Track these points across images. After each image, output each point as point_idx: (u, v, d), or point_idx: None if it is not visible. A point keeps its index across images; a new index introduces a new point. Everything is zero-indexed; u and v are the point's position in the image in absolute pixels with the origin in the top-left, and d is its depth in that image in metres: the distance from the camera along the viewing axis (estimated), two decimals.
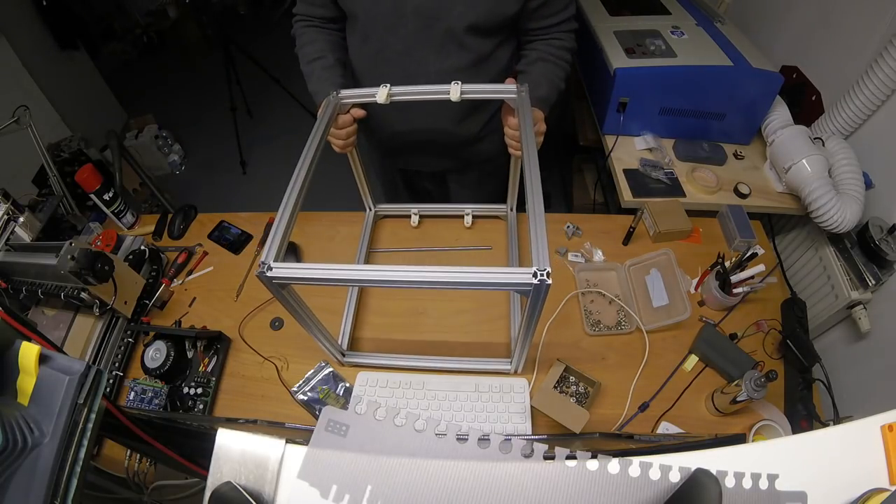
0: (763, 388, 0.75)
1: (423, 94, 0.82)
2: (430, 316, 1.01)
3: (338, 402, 0.90)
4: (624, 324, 0.97)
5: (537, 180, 0.65)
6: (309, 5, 0.98)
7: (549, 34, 0.95)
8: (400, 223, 1.18)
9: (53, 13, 2.48)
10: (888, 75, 0.97)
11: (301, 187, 0.69)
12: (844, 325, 1.15)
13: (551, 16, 0.92)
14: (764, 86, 1.18)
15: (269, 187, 1.30)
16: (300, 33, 1.01)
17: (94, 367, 0.37)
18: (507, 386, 0.87)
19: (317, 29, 1.00)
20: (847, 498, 0.32)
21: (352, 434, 0.38)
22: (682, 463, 0.34)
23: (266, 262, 0.60)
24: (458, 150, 1.11)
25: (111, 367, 0.95)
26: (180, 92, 3.28)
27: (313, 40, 0.99)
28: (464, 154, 1.12)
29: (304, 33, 1.00)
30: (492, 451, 0.36)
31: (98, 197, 1.15)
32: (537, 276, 0.55)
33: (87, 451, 0.36)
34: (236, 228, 1.21)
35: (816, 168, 1.06)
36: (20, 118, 1.24)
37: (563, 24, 0.94)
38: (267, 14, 3.85)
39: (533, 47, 0.97)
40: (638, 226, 1.06)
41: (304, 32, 1.00)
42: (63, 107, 2.39)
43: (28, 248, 0.99)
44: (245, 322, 1.02)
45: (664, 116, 1.29)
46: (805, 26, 1.28)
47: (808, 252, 1.22)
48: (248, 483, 0.36)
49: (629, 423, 0.85)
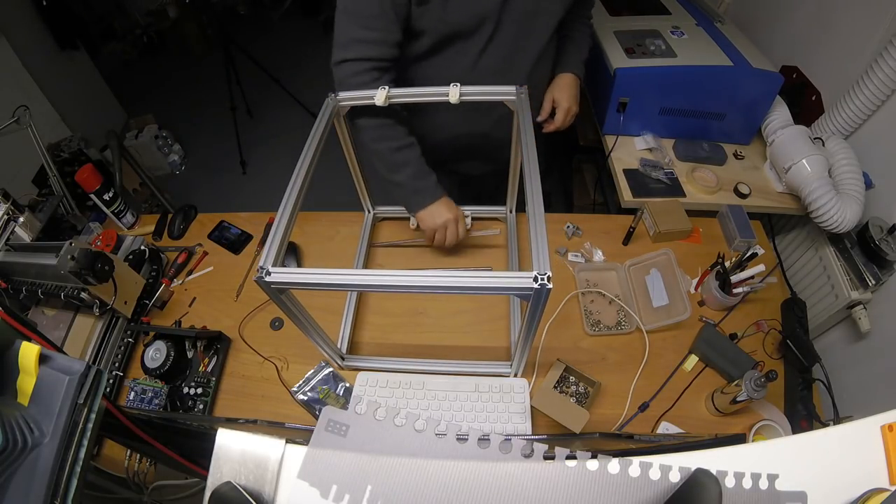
0: (763, 388, 0.75)
1: (423, 96, 0.82)
2: (429, 316, 1.01)
3: (338, 402, 0.90)
4: (624, 324, 0.97)
5: (537, 182, 0.65)
6: (377, 46, 0.81)
7: (580, 19, 1.08)
8: (399, 225, 1.18)
9: (53, 13, 2.47)
10: (888, 75, 0.97)
11: (301, 188, 0.69)
12: (844, 325, 1.14)
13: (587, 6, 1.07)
14: (764, 86, 1.18)
15: (269, 187, 1.30)
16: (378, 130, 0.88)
17: (94, 367, 0.37)
18: (506, 386, 0.87)
19: (402, 128, 0.90)
20: (847, 498, 0.32)
21: (352, 434, 0.38)
22: (682, 463, 0.34)
23: (264, 266, 0.60)
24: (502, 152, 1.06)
25: (111, 367, 0.95)
26: (180, 92, 3.28)
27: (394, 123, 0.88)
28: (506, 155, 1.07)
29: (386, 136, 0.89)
30: (492, 451, 0.36)
31: (98, 197, 1.15)
32: (538, 281, 0.55)
33: (87, 451, 0.36)
34: (236, 228, 1.21)
35: (816, 168, 1.06)
36: (20, 118, 1.24)
37: (587, 14, 1.11)
38: (267, 14, 3.85)
39: (572, 27, 1.08)
40: (638, 226, 1.06)
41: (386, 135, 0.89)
42: (63, 107, 2.39)
43: (28, 248, 0.99)
44: (245, 322, 1.02)
45: (664, 116, 1.29)
46: (805, 26, 1.28)
47: (808, 252, 1.22)
48: (248, 483, 0.36)
49: (629, 423, 0.85)
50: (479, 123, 1.06)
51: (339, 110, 0.85)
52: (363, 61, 0.83)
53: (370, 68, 0.84)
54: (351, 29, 0.82)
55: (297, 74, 2.92)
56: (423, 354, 0.94)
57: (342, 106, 0.85)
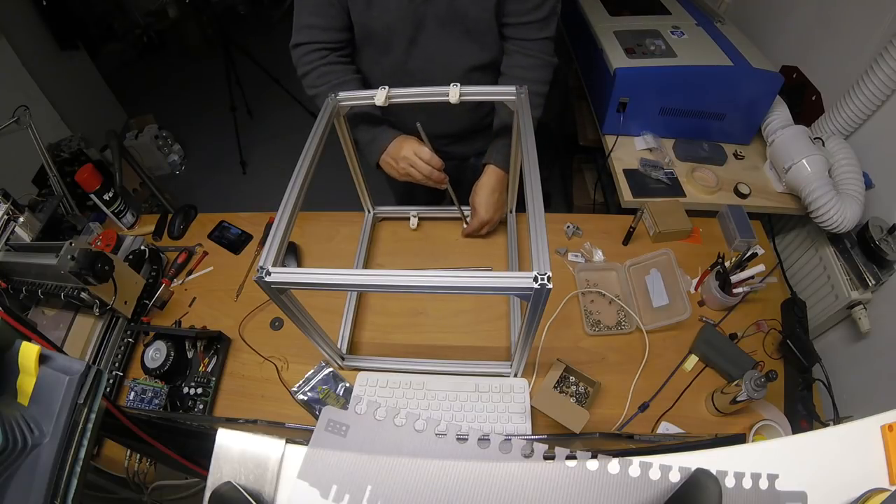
0: (763, 388, 0.75)
1: (423, 96, 0.82)
2: (429, 316, 1.01)
3: (338, 402, 0.90)
4: (624, 324, 0.97)
5: (537, 182, 0.65)
6: (320, 31, 0.91)
7: (524, 35, 0.92)
8: (399, 225, 1.18)
9: (53, 13, 2.48)
10: (888, 75, 0.97)
11: (301, 188, 0.69)
12: (844, 326, 1.14)
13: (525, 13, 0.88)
14: (764, 86, 1.18)
15: (269, 187, 1.30)
16: (321, 71, 0.93)
17: (94, 367, 0.37)
18: (507, 386, 0.87)
19: (341, 66, 0.94)
20: (847, 498, 0.32)
21: (352, 434, 0.38)
22: (682, 463, 0.34)
23: (264, 266, 0.60)
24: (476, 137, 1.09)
25: (111, 367, 0.95)
26: (180, 92, 3.28)
27: (344, 82, 0.93)
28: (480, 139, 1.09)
29: (330, 73, 0.93)
30: (492, 451, 0.36)
31: (98, 197, 1.15)
32: (538, 281, 0.55)
33: (87, 451, 0.36)
34: (236, 228, 1.21)
35: (816, 168, 1.06)
36: (20, 118, 1.24)
37: (535, 24, 0.90)
38: (267, 14, 3.85)
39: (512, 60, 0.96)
40: (638, 226, 1.06)
41: (330, 72, 0.93)
42: (63, 107, 2.39)
43: (28, 248, 0.99)
44: (245, 322, 1.02)
45: (664, 116, 1.29)
46: (805, 26, 1.28)
47: (808, 252, 1.22)
48: (248, 483, 0.36)
49: (629, 423, 0.85)
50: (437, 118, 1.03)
51: (339, 110, 0.85)
52: (313, 44, 0.92)
53: (319, 48, 0.93)
54: (302, 16, 0.92)
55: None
56: (423, 354, 0.94)
57: (342, 106, 0.85)
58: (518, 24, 0.91)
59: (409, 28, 0.89)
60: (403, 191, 1.39)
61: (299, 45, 0.94)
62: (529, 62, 0.94)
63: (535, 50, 0.93)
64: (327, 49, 0.94)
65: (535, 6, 0.88)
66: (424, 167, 0.95)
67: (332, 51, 0.94)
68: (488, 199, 1.03)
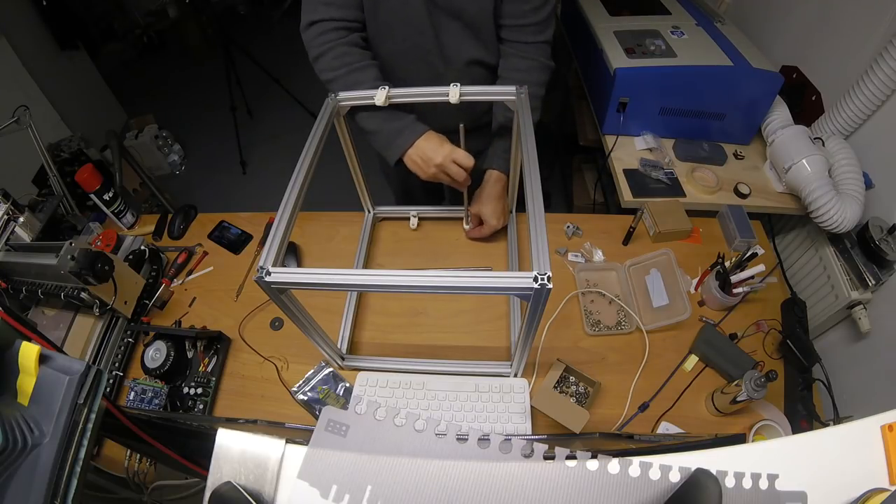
0: (763, 388, 0.75)
1: (423, 96, 0.82)
2: (429, 315, 1.01)
3: (338, 402, 0.90)
4: (624, 324, 0.97)
5: (537, 183, 0.65)
6: (337, 7, 0.86)
7: (521, 37, 0.92)
8: (399, 225, 1.18)
9: (53, 13, 2.48)
10: (888, 75, 0.97)
11: (301, 188, 0.69)
12: (844, 325, 1.14)
13: (523, 15, 0.88)
14: (764, 86, 1.18)
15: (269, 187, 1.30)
16: (338, 52, 0.87)
17: (94, 367, 0.37)
18: (507, 386, 0.87)
19: (359, 50, 0.89)
20: (847, 498, 0.32)
21: (352, 434, 0.38)
22: (682, 463, 0.34)
23: (264, 266, 0.60)
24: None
25: (111, 367, 0.95)
26: (180, 92, 3.28)
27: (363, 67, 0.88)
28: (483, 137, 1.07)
29: (348, 53, 0.88)
30: (492, 451, 0.36)
31: (98, 197, 1.15)
32: (538, 281, 0.55)
33: (87, 451, 0.36)
34: (236, 228, 1.21)
35: (816, 168, 1.06)
36: (20, 118, 1.24)
37: (533, 27, 0.89)
38: (267, 14, 3.85)
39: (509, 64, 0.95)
40: (638, 226, 1.06)
41: (348, 52, 0.88)
42: (63, 107, 2.39)
43: (28, 248, 0.99)
44: (245, 322, 1.02)
45: (664, 116, 1.29)
46: (805, 26, 1.28)
47: (808, 252, 1.22)
48: (248, 483, 0.36)
49: (629, 423, 0.85)
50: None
51: (339, 110, 0.85)
52: (330, 21, 0.87)
53: (336, 27, 0.87)
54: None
55: (297, 74, 2.91)
56: (423, 354, 0.94)
57: (342, 106, 0.85)
58: (516, 26, 0.91)
59: (412, 16, 0.88)
60: (403, 191, 1.39)
61: (314, 24, 0.87)
62: (527, 65, 0.93)
63: (532, 53, 0.93)
64: (345, 28, 0.88)
65: (534, 8, 0.88)
66: (460, 173, 0.89)
67: (350, 31, 0.89)
68: (496, 207, 1.03)
